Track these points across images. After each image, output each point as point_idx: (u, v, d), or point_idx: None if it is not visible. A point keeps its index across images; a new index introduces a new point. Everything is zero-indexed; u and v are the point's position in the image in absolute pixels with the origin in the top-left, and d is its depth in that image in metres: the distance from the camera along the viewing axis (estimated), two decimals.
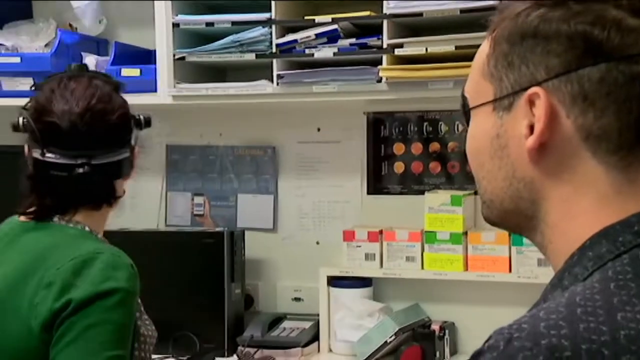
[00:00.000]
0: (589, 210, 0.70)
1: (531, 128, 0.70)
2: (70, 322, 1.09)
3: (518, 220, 0.74)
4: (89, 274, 1.13)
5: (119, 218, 2.11)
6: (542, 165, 0.70)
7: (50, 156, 1.22)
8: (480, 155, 0.75)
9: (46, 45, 2.20)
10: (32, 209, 1.24)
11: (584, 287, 0.65)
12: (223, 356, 2.11)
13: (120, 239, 1.36)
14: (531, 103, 0.70)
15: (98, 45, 2.31)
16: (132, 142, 1.29)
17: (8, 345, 1.13)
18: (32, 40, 2.20)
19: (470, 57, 1.72)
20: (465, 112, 0.77)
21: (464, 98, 0.77)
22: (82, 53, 2.20)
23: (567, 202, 0.70)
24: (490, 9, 1.15)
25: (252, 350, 2.09)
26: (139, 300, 1.23)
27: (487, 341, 0.64)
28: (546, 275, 2.28)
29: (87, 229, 1.25)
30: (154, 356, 1.28)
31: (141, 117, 1.31)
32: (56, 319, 1.10)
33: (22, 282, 1.15)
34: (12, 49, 2.19)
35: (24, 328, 1.12)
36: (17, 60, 2.13)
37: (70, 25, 2.32)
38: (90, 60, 2.17)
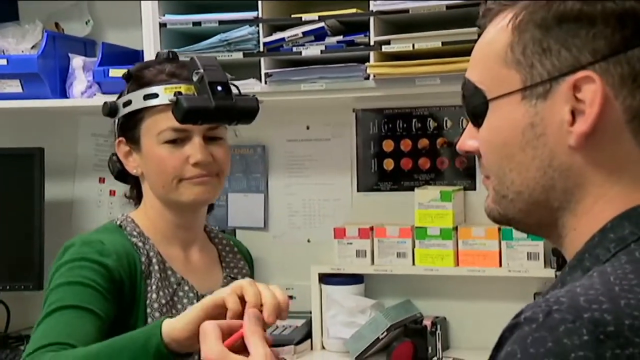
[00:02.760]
0: (622, 194, 0.69)
1: (573, 114, 0.68)
2: None
3: (541, 214, 0.72)
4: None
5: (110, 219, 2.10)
6: (584, 151, 0.69)
7: None
8: (507, 147, 0.72)
9: (33, 47, 2.19)
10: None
11: (613, 268, 0.64)
12: None
13: None
14: (575, 88, 0.68)
15: (85, 46, 2.31)
16: (115, 130, 1.33)
17: None
18: (19, 42, 2.19)
19: (457, 53, 1.73)
20: (478, 105, 0.73)
21: (477, 90, 0.73)
22: (70, 54, 2.19)
23: (601, 187, 0.69)
24: (476, 4, 1.16)
25: None
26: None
27: (519, 315, 0.62)
28: (536, 268, 2.30)
29: (116, 222, 1.30)
30: None
31: (108, 104, 1.32)
32: None
33: None
34: None
35: None
36: (4, 62, 2.12)
37: (57, 26, 2.31)
38: (78, 62, 2.16)
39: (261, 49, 2.03)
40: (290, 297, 2.31)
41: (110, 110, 1.29)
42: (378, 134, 2.25)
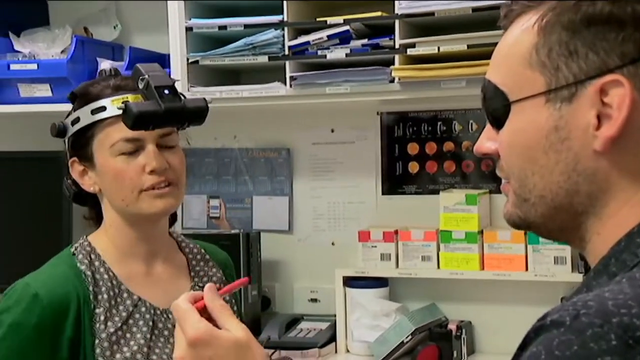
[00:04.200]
0: None
1: (599, 117, 0.68)
2: None
3: (563, 218, 0.71)
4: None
5: None
6: (609, 155, 0.68)
7: None
8: (530, 150, 0.71)
9: (62, 51, 2.22)
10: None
11: None
12: None
13: None
14: (602, 92, 0.68)
15: (113, 50, 2.34)
16: (67, 151, 1.30)
17: None
18: (49, 47, 2.23)
19: (482, 56, 1.71)
20: (499, 107, 0.72)
21: (498, 92, 0.72)
22: (98, 59, 2.22)
23: (626, 192, 0.69)
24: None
25: (269, 351, 2.09)
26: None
27: (544, 317, 0.62)
28: (563, 273, 2.27)
29: (72, 249, 1.28)
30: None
31: (56, 125, 1.29)
32: None
33: None
34: (29, 55, 2.22)
35: None
36: (34, 67, 2.16)
37: (86, 31, 2.35)
38: (106, 66, 2.18)
39: (286, 52, 2.03)
40: (315, 300, 2.32)
41: (58, 130, 1.28)
42: (403, 137, 2.25)
